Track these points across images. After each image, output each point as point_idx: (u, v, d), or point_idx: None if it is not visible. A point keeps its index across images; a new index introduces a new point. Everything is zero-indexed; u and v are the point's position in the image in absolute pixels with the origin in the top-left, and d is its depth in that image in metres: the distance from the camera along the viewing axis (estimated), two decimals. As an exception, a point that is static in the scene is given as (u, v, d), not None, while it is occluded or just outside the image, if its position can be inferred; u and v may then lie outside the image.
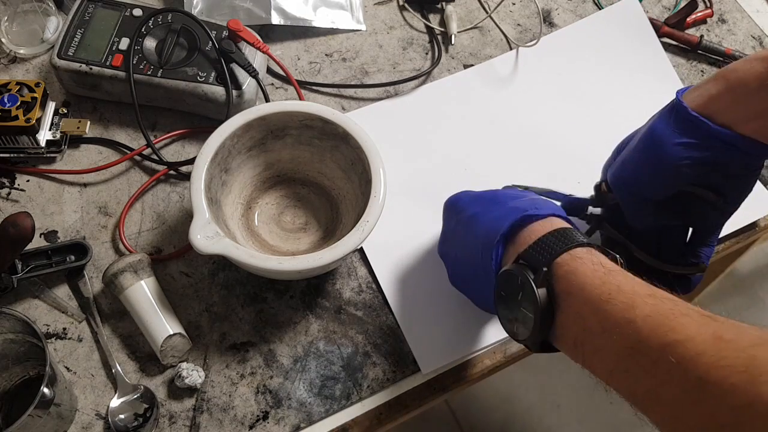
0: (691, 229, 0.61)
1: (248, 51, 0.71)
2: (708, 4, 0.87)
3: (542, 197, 0.56)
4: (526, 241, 0.49)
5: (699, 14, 0.85)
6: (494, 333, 0.64)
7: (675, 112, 0.54)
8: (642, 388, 0.39)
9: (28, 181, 0.69)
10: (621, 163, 0.58)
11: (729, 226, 0.71)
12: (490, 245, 0.51)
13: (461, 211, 0.58)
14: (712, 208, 0.57)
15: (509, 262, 0.49)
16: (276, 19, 0.77)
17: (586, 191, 0.67)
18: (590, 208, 0.64)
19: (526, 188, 0.67)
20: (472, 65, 0.79)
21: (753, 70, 0.50)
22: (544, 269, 0.46)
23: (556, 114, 0.77)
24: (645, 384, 0.39)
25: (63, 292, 0.63)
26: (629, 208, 0.59)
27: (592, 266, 0.45)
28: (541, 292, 0.45)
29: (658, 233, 0.61)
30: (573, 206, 0.65)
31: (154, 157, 0.70)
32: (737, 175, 0.55)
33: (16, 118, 0.65)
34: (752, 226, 0.73)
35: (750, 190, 0.56)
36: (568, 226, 0.50)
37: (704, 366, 0.35)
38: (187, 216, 0.66)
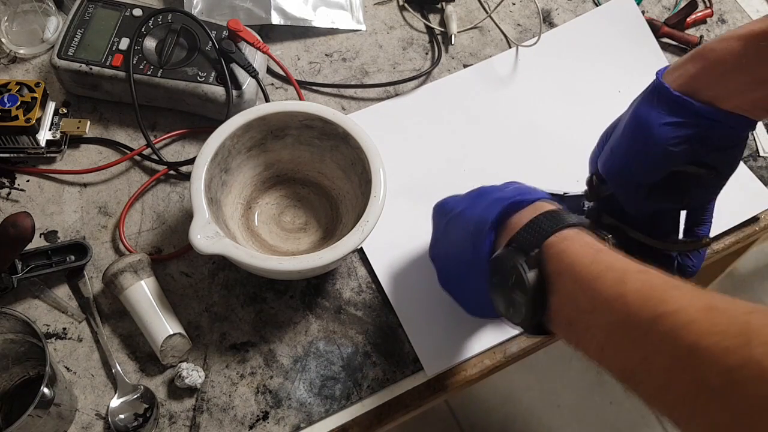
0: (684, 212, 0.62)
1: (248, 51, 0.71)
2: (708, 4, 0.87)
3: (528, 185, 0.56)
4: (516, 226, 0.49)
5: (699, 14, 0.85)
6: (496, 334, 0.64)
7: (657, 93, 0.54)
8: (632, 362, 0.39)
9: (28, 181, 0.69)
10: (609, 153, 0.58)
11: (729, 222, 0.72)
12: (480, 234, 0.51)
13: (449, 211, 0.58)
14: (705, 184, 0.57)
15: (504, 236, 0.50)
16: (276, 19, 0.77)
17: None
18: (585, 203, 0.64)
19: None
20: (472, 65, 0.79)
21: (730, 49, 0.50)
22: (535, 251, 0.46)
23: (556, 113, 0.77)
24: (635, 356, 0.39)
25: (63, 292, 0.63)
26: (624, 196, 0.59)
27: (581, 246, 0.45)
28: (531, 274, 0.45)
29: (655, 217, 0.61)
30: (569, 204, 0.65)
31: (154, 157, 0.70)
32: (725, 148, 0.55)
33: (16, 118, 0.65)
34: (753, 223, 0.73)
35: (739, 160, 0.56)
36: (558, 208, 0.50)
37: (696, 333, 0.35)
38: (187, 216, 0.66)
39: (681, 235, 0.62)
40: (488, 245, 0.51)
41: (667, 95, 0.53)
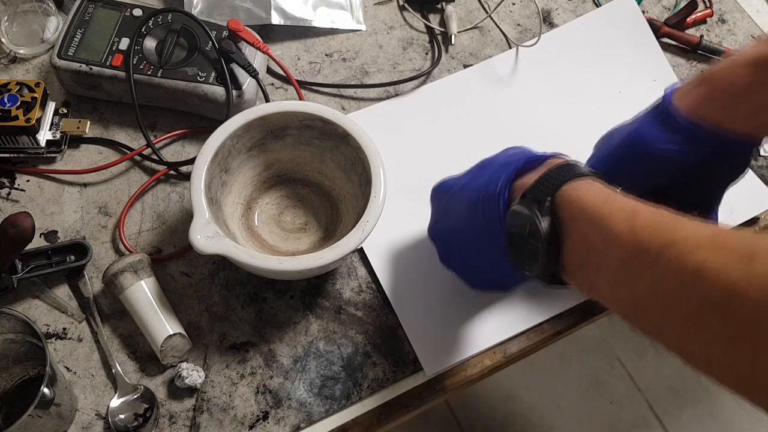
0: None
1: (248, 51, 0.71)
2: (708, 4, 0.87)
3: (528, 148, 0.57)
4: (529, 181, 0.50)
5: (699, 14, 0.85)
6: (496, 334, 0.64)
7: (662, 113, 0.55)
8: (640, 289, 0.39)
9: (28, 181, 0.69)
10: (603, 164, 0.59)
11: (729, 222, 0.72)
12: (492, 198, 0.52)
13: (450, 188, 0.59)
14: (712, 187, 0.57)
15: (517, 191, 0.50)
16: (276, 19, 0.77)
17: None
18: None
19: None
20: (472, 65, 0.79)
21: (740, 77, 0.51)
22: (548, 199, 0.46)
23: (556, 113, 0.77)
24: (643, 284, 0.39)
25: (63, 292, 0.63)
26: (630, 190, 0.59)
27: (593, 191, 0.45)
28: (545, 222, 0.46)
29: None
30: None
31: (154, 157, 0.70)
32: (716, 182, 0.55)
33: (16, 118, 0.65)
34: (753, 222, 0.73)
35: (720, 198, 0.57)
36: (569, 161, 0.50)
37: (701, 256, 0.36)
38: (187, 216, 0.66)
39: None
40: (503, 204, 0.51)
41: (672, 117, 0.53)
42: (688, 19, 0.83)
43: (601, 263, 0.43)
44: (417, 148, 0.74)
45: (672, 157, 0.53)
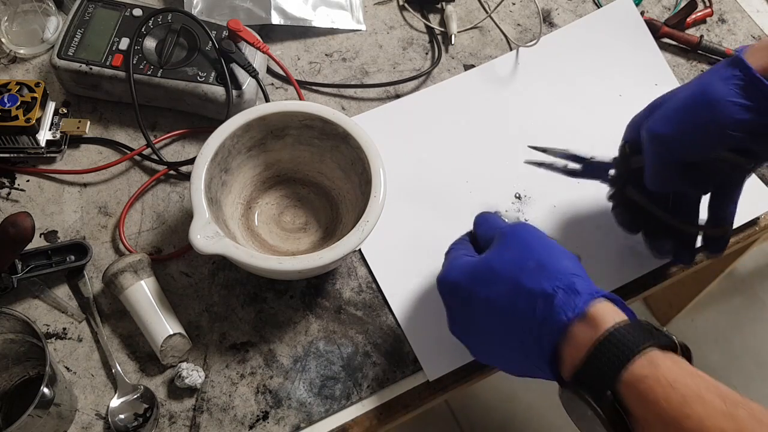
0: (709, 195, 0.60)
1: (248, 51, 0.71)
2: (708, 4, 0.87)
3: (552, 254, 0.49)
4: (578, 347, 0.43)
5: (699, 14, 0.85)
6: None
7: (734, 70, 0.50)
8: None
9: (28, 181, 0.69)
10: (662, 119, 0.54)
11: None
12: (533, 355, 0.47)
13: (463, 292, 0.52)
14: (740, 171, 0.55)
15: (566, 364, 0.45)
16: (276, 19, 0.77)
17: (586, 191, 0.67)
18: (611, 171, 0.63)
19: (544, 150, 0.66)
20: (473, 65, 0.79)
21: None
22: (609, 392, 0.41)
23: (557, 114, 0.77)
24: None
25: (63, 292, 0.63)
26: (655, 170, 0.56)
27: (662, 382, 0.39)
28: (608, 415, 0.41)
29: (677, 197, 0.59)
30: (594, 169, 0.63)
31: (154, 157, 0.70)
32: None
33: (16, 118, 0.65)
34: (753, 223, 0.73)
35: None
36: (620, 321, 0.43)
37: None
38: (187, 216, 0.66)
39: (706, 218, 0.61)
40: (550, 375, 0.46)
41: (746, 74, 0.49)
42: (688, 19, 0.83)
43: None
44: (417, 148, 0.74)
45: (738, 118, 0.50)
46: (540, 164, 0.67)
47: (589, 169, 0.64)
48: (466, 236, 0.60)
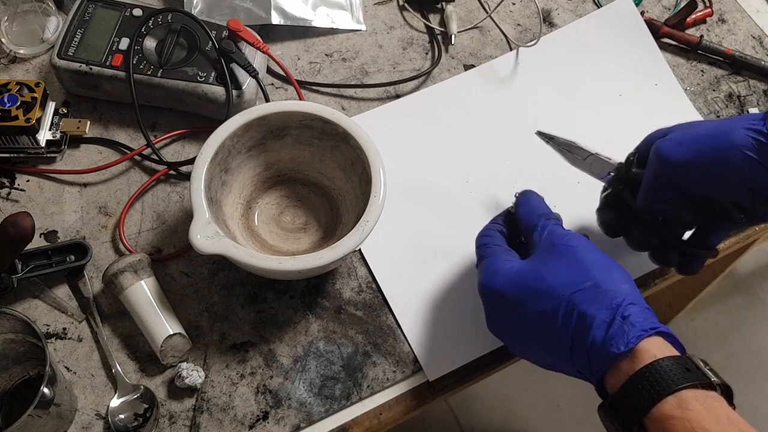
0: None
1: (248, 51, 0.71)
2: (708, 4, 0.87)
3: (608, 275, 0.49)
4: (617, 376, 0.45)
5: (699, 14, 0.85)
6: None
7: (761, 124, 0.49)
8: None
9: (28, 181, 0.69)
10: (674, 142, 0.54)
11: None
12: (583, 370, 0.48)
13: (510, 300, 0.52)
14: (730, 221, 0.56)
15: (609, 386, 0.46)
16: (276, 19, 0.77)
17: (585, 191, 0.67)
18: (612, 173, 0.63)
19: (551, 138, 0.66)
20: (473, 65, 0.79)
21: None
22: (636, 428, 0.42)
23: (557, 114, 0.77)
24: None
25: (63, 292, 0.63)
26: (650, 187, 0.56)
27: (692, 421, 0.40)
28: None
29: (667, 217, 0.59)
30: (593, 166, 0.64)
31: (154, 157, 0.70)
32: None
33: (16, 118, 0.65)
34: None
35: None
36: (650, 360, 0.44)
37: None
38: (187, 216, 0.66)
39: (688, 237, 0.61)
40: (589, 382, 0.48)
41: None
42: (688, 19, 0.83)
43: None
44: (417, 149, 0.74)
45: (757, 173, 0.49)
46: (550, 138, 0.66)
47: (592, 162, 0.64)
48: (495, 225, 0.59)
